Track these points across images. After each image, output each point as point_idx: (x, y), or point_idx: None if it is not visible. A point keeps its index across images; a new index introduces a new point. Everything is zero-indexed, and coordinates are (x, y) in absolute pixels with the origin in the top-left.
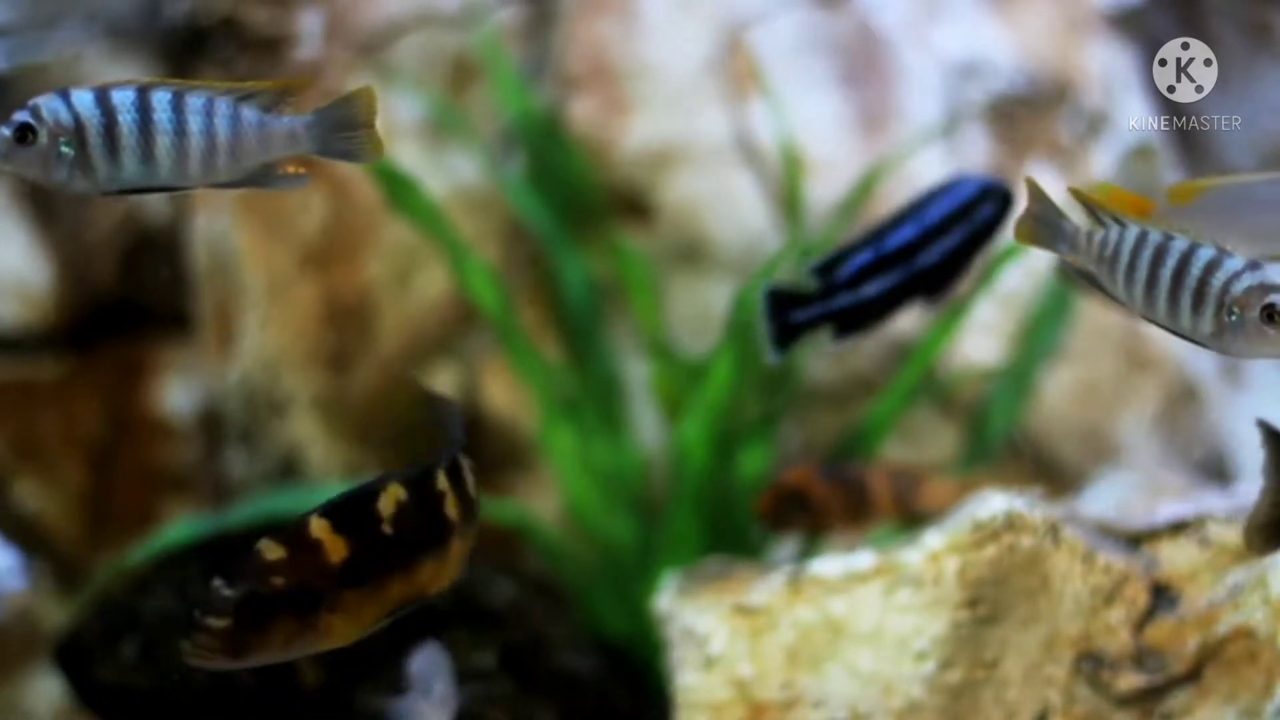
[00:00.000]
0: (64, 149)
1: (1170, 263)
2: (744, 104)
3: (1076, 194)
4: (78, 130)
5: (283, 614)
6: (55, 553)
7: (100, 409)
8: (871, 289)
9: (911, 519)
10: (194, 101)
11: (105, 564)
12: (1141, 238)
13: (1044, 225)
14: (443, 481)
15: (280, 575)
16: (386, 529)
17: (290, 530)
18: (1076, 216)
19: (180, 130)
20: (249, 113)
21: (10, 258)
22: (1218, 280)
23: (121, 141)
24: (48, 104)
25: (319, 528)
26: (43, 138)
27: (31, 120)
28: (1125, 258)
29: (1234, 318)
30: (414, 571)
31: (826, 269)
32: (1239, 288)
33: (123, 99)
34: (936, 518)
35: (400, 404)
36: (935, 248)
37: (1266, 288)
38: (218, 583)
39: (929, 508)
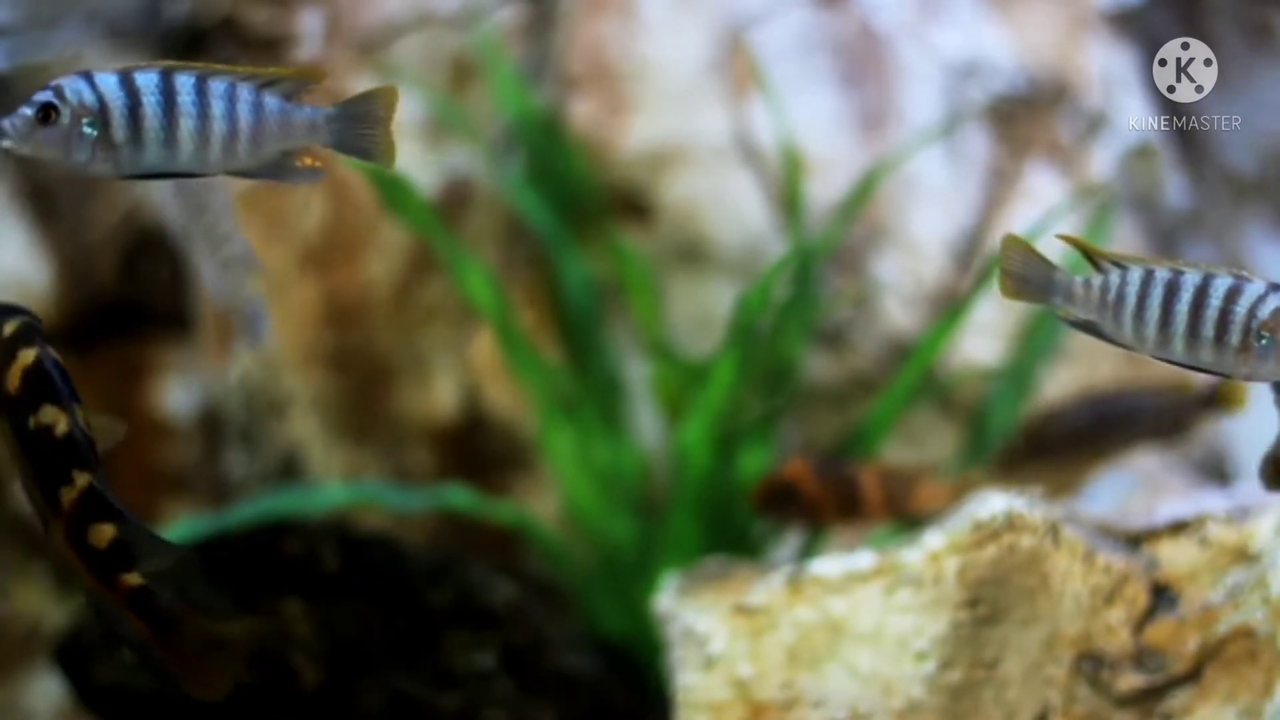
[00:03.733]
0: (86, 129)
1: (1186, 296)
2: (744, 104)
3: (1069, 241)
4: (101, 111)
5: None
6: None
7: (100, 409)
8: None
9: (904, 520)
10: (217, 86)
11: None
12: (1148, 276)
13: (1030, 281)
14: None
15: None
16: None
17: (35, 326)
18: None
19: (203, 114)
20: (271, 100)
21: (10, 258)
22: (1242, 307)
23: (145, 123)
24: (71, 84)
25: (28, 355)
26: (65, 117)
27: (55, 100)
28: (1132, 300)
29: (1264, 342)
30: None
31: None
32: (1266, 310)
33: (147, 81)
34: (930, 520)
35: None
36: None
37: None
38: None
39: (922, 510)
